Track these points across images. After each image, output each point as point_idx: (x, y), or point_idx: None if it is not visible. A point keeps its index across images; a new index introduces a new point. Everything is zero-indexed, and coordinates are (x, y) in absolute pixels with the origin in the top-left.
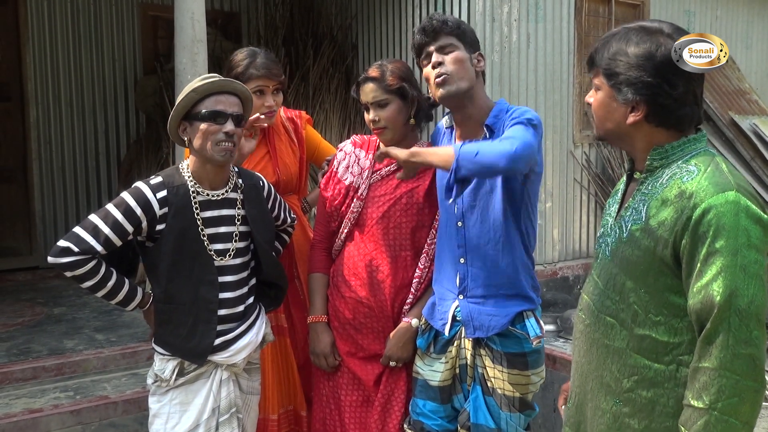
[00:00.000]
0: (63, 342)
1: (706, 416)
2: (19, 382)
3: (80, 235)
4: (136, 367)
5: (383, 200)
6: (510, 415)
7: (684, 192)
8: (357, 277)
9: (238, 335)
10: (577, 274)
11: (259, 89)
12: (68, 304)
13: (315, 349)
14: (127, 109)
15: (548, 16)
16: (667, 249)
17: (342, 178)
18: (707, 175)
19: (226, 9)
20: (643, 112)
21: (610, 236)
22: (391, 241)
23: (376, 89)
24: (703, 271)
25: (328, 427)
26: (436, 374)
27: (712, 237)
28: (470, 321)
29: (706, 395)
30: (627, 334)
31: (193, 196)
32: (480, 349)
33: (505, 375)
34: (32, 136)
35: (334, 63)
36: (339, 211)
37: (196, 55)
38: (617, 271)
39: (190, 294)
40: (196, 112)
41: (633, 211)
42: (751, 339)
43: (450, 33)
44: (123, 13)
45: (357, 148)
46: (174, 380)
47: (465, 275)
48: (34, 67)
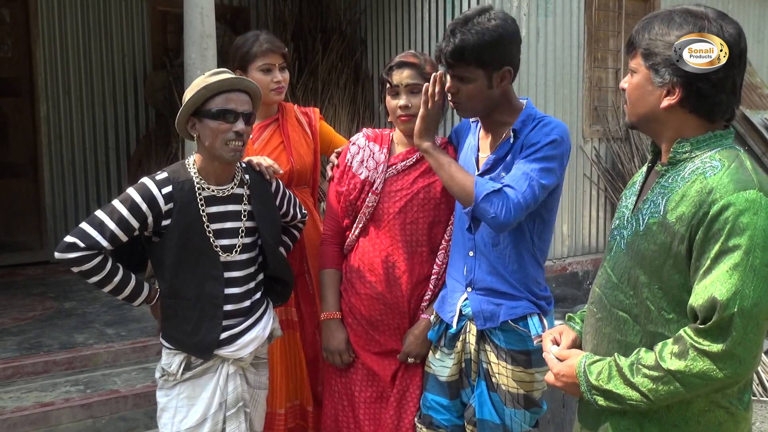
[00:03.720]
0: (74, 336)
1: (666, 376)
2: (30, 376)
3: (86, 230)
4: (146, 361)
5: (400, 195)
6: (515, 412)
7: (705, 187)
8: (373, 273)
9: (244, 330)
10: (586, 270)
11: (266, 67)
12: (79, 299)
13: (329, 346)
14: (137, 104)
15: (558, 10)
16: (683, 245)
17: (357, 173)
18: (730, 171)
19: (235, 4)
20: (678, 95)
21: (626, 229)
22: (408, 236)
23: (415, 75)
24: (712, 268)
25: (340, 424)
26: (445, 369)
27: (727, 234)
28: (480, 312)
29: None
30: (640, 330)
31: (199, 191)
32: (484, 345)
33: (509, 371)
34: (42, 131)
35: (343, 58)
36: (354, 205)
37: (205, 50)
38: (632, 264)
39: (195, 289)
40: (206, 109)
41: (651, 204)
42: (745, 341)
43: (469, 63)
44: (132, 9)
45: (370, 142)
46: (181, 374)
47: (473, 268)
48: (44, 63)
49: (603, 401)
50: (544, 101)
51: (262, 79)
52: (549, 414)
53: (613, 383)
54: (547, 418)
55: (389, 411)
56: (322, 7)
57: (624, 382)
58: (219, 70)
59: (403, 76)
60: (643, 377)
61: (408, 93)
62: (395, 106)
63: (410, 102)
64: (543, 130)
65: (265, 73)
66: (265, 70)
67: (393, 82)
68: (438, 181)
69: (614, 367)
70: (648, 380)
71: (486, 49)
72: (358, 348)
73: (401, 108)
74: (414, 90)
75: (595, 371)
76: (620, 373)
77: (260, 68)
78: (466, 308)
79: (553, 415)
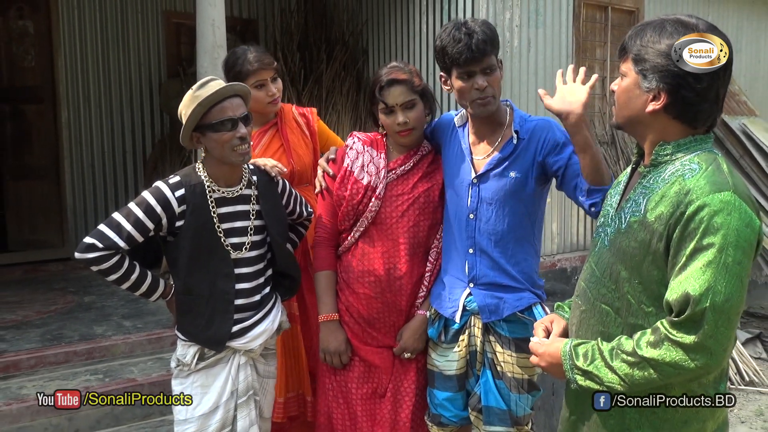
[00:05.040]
0: (93, 328)
1: (641, 362)
2: (52, 366)
3: (104, 232)
4: (161, 351)
5: (402, 200)
6: (519, 397)
7: (683, 188)
8: (373, 274)
9: (254, 323)
10: (574, 266)
11: (259, 83)
12: (98, 293)
13: (328, 347)
14: (152, 110)
15: (548, 22)
16: (661, 242)
17: (359, 178)
18: (707, 173)
19: (245, 16)
20: (663, 102)
21: (610, 226)
22: (409, 239)
23: (405, 91)
24: (687, 265)
25: (335, 422)
26: (452, 363)
27: (702, 233)
28: (485, 306)
29: (652, 349)
30: (622, 322)
31: (209, 193)
32: (489, 336)
33: (514, 359)
34: (63, 136)
35: (346, 67)
36: (356, 209)
37: (217, 59)
38: (614, 260)
39: (207, 286)
40: (206, 123)
41: (633, 204)
42: (716, 334)
43: (491, 51)
44: (148, 21)
45: (368, 147)
46: (195, 365)
47: (474, 264)
48: (65, 71)
49: (582, 380)
50: (535, 107)
51: (257, 94)
52: (539, 401)
53: (594, 365)
54: (538, 405)
55: (386, 406)
56: (327, 19)
57: (604, 365)
58: (204, 81)
59: (396, 94)
60: (621, 362)
61: (403, 110)
62: (393, 123)
63: (407, 117)
64: (556, 130)
65: (259, 88)
66: (258, 86)
67: (388, 103)
68: (435, 184)
69: (596, 351)
70: (625, 365)
71: (495, 37)
72: (356, 342)
73: (400, 125)
74: (409, 106)
75: (581, 352)
76: (602, 356)
77: (254, 85)
78: (471, 303)
79: (543, 402)
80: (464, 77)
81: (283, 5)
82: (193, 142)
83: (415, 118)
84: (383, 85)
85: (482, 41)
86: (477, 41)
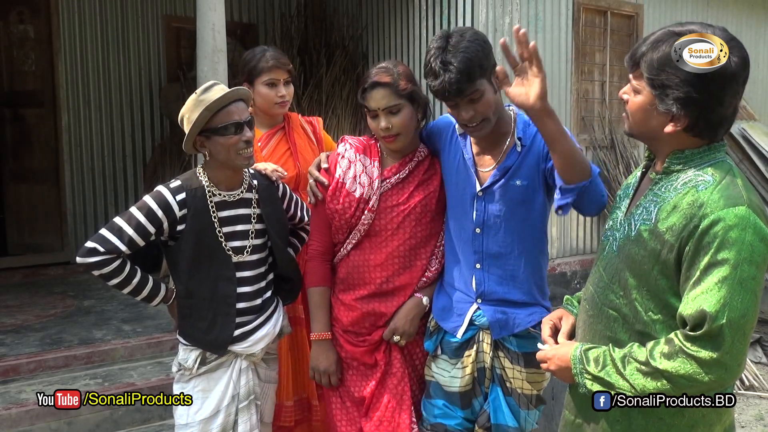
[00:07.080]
0: (92, 332)
1: (655, 373)
2: (52, 370)
3: (106, 236)
4: (161, 355)
5: (397, 211)
6: (528, 413)
7: (696, 200)
8: (367, 288)
9: (256, 327)
10: (574, 270)
11: (271, 81)
12: (97, 297)
13: (318, 367)
14: (152, 114)
15: (547, 26)
16: (671, 254)
17: (351, 191)
18: (721, 187)
19: (245, 21)
20: (683, 124)
21: (619, 231)
22: (405, 251)
23: (389, 95)
24: (701, 279)
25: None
26: (455, 380)
27: (716, 248)
28: (496, 322)
29: (666, 360)
30: (629, 328)
31: (210, 197)
32: (498, 352)
33: (523, 374)
34: (64, 140)
35: (346, 71)
36: (349, 223)
37: (217, 63)
38: (622, 266)
39: (209, 290)
40: (212, 127)
41: (643, 211)
42: (732, 350)
43: (475, 79)
44: (148, 25)
45: (360, 155)
46: (196, 369)
47: (482, 280)
48: (65, 76)
49: (591, 385)
50: None
51: (267, 93)
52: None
53: (605, 371)
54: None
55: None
56: (327, 23)
57: (616, 371)
58: (208, 85)
59: (378, 98)
60: (634, 370)
61: (387, 114)
62: (377, 128)
63: (390, 123)
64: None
65: (270, 87)
66: (270, 84)
67: (371, 107)
68: (433, 194)
69: (608, 357)
70: (639, 374)
71: (481, 57)
72: (349, 347)
73: (383, 130)
74: (393, 111)
75: (592, 357)
76: (613, 362)
77: (266, 83)
78: (480, 319)
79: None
80: (451, 106)
81: (283, 10)
82: (197, 147)
83: (399, 124)
84: (366, 87)
85: (456, 80)
86: (450, 80)
